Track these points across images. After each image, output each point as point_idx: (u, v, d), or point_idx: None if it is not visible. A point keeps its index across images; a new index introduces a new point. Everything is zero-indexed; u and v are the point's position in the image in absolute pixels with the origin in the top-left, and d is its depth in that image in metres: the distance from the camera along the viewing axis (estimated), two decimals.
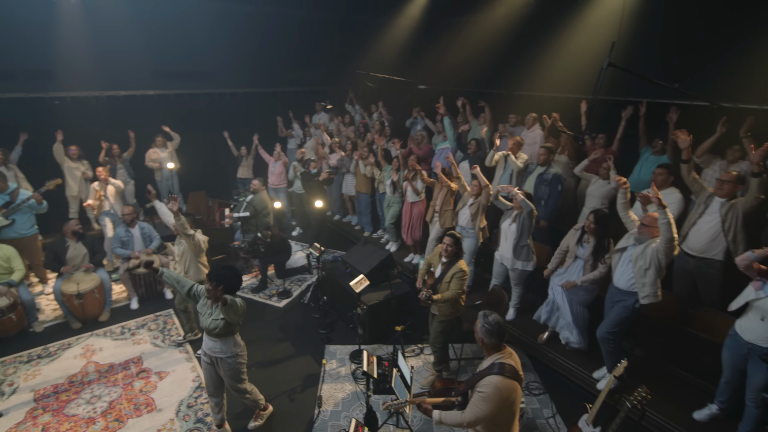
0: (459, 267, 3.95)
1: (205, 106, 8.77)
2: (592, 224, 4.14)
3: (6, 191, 5.59)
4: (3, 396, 4.21)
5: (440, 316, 4.14)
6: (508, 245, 4.74)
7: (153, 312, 5.59)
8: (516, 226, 4.64)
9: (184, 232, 4.31)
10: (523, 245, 4.65)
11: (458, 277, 3.93)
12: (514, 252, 4.66)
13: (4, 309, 4.78)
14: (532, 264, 4.75)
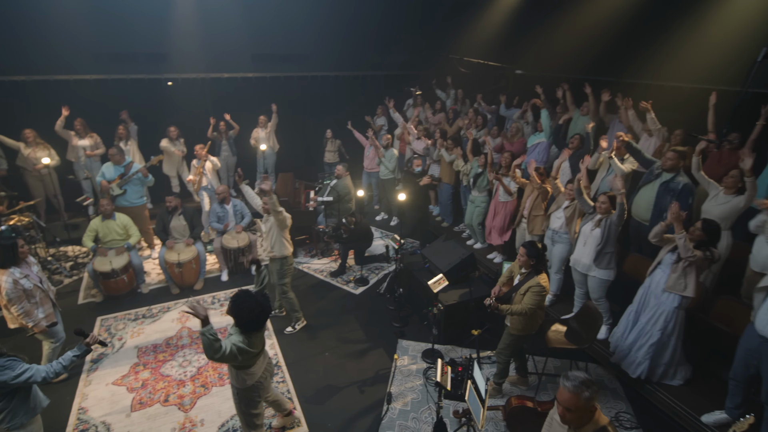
0: (537, 281, 3.60)
1: (298, 88, 9.01)
2: (698, 231, 3.54)
3: (122, 164, 6.24)
4: (114, 348, 4.75)
5: (511, 329, 3.86)
6: (586, 251, 4.27)
7: (240, 286, 5.94)
8: (600, 231, 4.15)
9: (274, 209, 4.44)
10: (607, 252, 4.17)
11: (534, 292, 3.59)
12: (595, 258, 4.21)
13: (118, 270, 5.36)
14: (612, 273, 4.24)
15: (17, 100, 7.14)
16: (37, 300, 3.91)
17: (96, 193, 7.28)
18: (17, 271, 3.78)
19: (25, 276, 3.82)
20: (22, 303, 3.78)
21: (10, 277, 3.71)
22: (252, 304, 2.82)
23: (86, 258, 6.58)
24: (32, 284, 3.86)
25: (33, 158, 6.65)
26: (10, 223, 5.70)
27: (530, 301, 3.60)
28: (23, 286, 3.78)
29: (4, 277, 3.70)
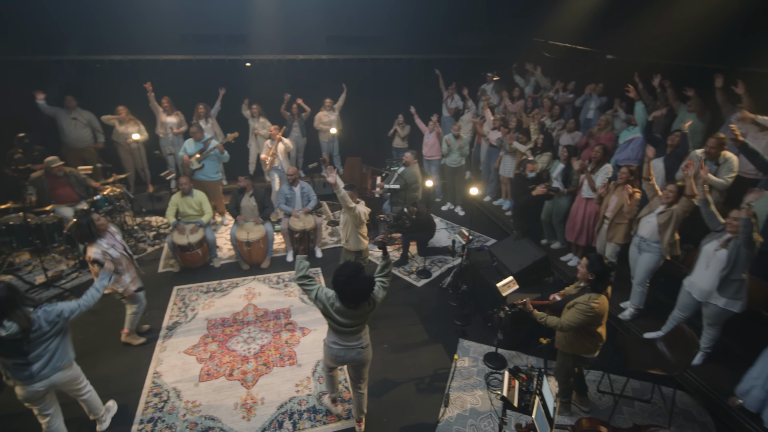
0: (586, 299, 3.19)
1: (370, 71, 8.88)
2: None
3: (201, 140, 6.55)
4: (187, 318, 5.02)
5: (557, 344, 3.53)
6: (708, 275, 3.71)
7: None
8: (727, 253, 3.57)
9: (345, 205, 4.39)
10: (734, 279, 3.57)
11: (578, 309, 3.20)
12: (719, 286, 3.62)
13: (194, 244, 5.65)
14: (740, 305, 3.65)
15: (114, 79, 7.69)
16: (123, 267, 4.19)
17: (178, 169, 7.73)
18: (104, 242, 4.06)
19: (111, 246, 4.10)
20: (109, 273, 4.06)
21: (98, 248, 3.99)
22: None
23: (167, 229, 7.03)
24: (118, 253, 4.14)
25: (125, 133, 7.16)
26: (104, 193, 6.19)
27: (571, 318, 3.23)
28: (111, 256, 4.05)
29: (93, 249, 3.99)
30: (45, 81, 7.20)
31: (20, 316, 2.81)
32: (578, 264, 5.44)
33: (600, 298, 3.20)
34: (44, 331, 2.93)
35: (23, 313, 2.83)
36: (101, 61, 7.61)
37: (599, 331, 3.32)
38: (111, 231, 4.22)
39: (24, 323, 2.80)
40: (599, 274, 3.20)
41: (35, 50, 7.30)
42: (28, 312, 2.87)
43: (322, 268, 6.04)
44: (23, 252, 5.99)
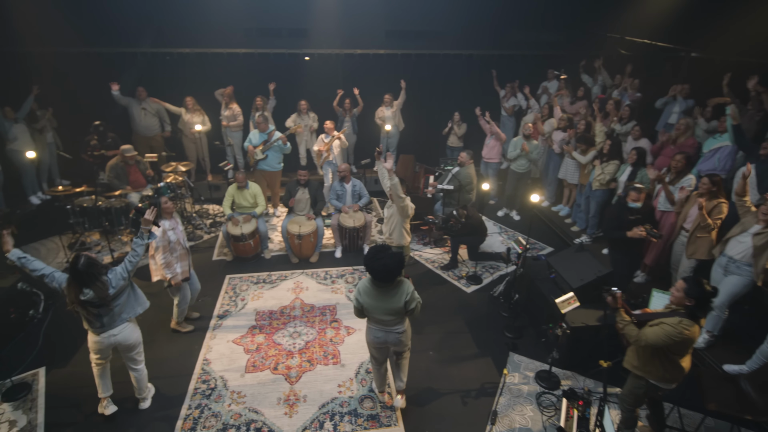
0: (677, 323, 2.82)
1: (428, 67, 8.66)
2: None
3: (266, 131, 6.69)
4: (237, 308, 5.13)
5: (626, 363, 3.20)
6: None
7: (352, 265, 6.00)
8: None
9: (396, 193, 4.26)
10: None
11: (665, 331, 2.83)
12: None
13: (246, 235, 5.76)
14: None
15: (182, 70, 8.02)
16: (177, 255, 4.31)
17: (236, 159, 7.95)
18: (167, 222, 4.20)
19: (171, 229, 4.23)
20: (166, 253, 4.20)
21: (161, 226, 4.13)
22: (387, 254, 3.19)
23: (223, 218, 7.25)
24: (176, 238, 4.27)
25: (190, 123, 7.45)
26: (167, 180, 6.47)
27: (652, 336, 2.87)
28: (169, 238, 4.19)
29: (155, 227, 4.13)
30: (120, 72, 7.65)
31: (98, 287, 3.12)
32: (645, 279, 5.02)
33: (693, 326, 2.84)
34: (113, 293, 3.21)
35: (101, 282, 3.14)
36: (171, 54, 7.96)
37: (682, 363, 2.98)
38: (176, 218, 4.37)
39: (101, 292, 3.12)
40: (699, 300, 2.85)
41: (112, 43, 7.76)
42: (105, 281, 3.15)
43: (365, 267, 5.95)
44: (94, 232, 6.40)
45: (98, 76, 7.42)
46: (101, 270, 3.17)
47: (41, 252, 6.20)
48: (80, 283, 3.08)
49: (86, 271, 3.06)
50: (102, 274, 3.17)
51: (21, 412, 3.77)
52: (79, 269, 3.05)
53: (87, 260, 3.10)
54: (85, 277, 3.06)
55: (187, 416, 3.75)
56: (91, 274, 3.08)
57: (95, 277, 3.11)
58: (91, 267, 3.09)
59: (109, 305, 3.23)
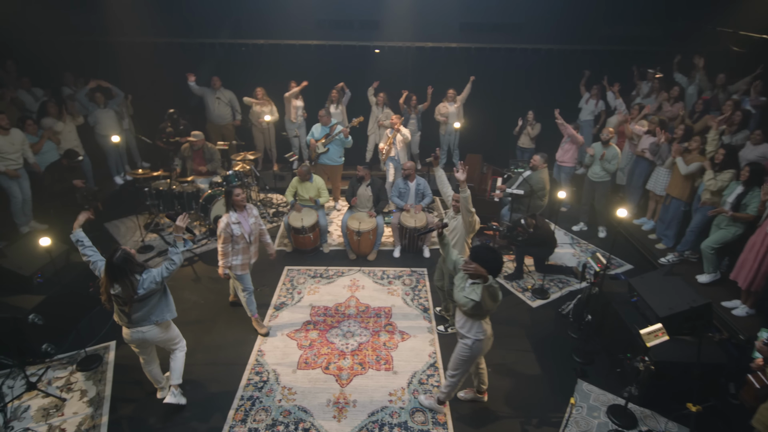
0: None
1: (503, 62, 8.20)
2: None
3: (328, 125, 6.66)
4: (293, 301, 5.13)
5: (757, 423, 2.76)
6: None
7: (410, 266, 5.80)
8: None
9: (467, 207, 3.97)
10: None
11: None
12: None
13: (307, 228, 5.76)
14: None
15: (256, 61, 8.21)
16: (239, 247, 4.33)
17: (301, 151, 8.03)
18: (234, 215, 4.23)
19: (237, 223, 4.25)
20: (226, 244, 4.23)
21: (226, 219, 4.18)
22: (492, 255, 3.06)
23: (286, 208, 7.35)
24: (240, 232, 4.29)
25: (260, 113, 7.61)
26: (235, 169, 6.64)
27: None
28: (231, 231, 4.21)
29: (224, 218, 4.20)
30: (198, 62, 7.97)
31: (126, 284, 3.10)
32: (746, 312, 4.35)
33: None
34: (144, 294, 3.19)
35: (130, 281, 3.11)
36: (246, 45, 8.17)
37: None
38: (248, 211, 4.37)
39: (127, 291, 3.10)
40: None
41: (193, 33, 8.10)
42: (135, 280, 3.14)
43: (428, 270, 5.74)
44: None
45: (179, 65, 7.78)
46: (135, 268, 3.15)
47: (121, 229, 6.62)
48: (111, 276, 3.07)
49: (120, 265, 3.03)
50: (135, 272, 3.14)
51: (92, 382, 4.00)
52: (113, 262, 3.04)
53: (123, 254, 3.09)
54: (117, 271, 3.04)
55: (239, 407, 3.77)
56: (123, 270, 3.05)
57: (126, 274, 3.07)
58: (126, 262, 3.07)
59: (136, 305, 3.21)
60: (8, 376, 3.99)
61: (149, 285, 3.18)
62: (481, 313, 3.16)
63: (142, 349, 3.56)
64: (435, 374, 4.12)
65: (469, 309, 3.14)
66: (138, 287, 3.14)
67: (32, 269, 4.31)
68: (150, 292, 3.23)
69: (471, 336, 3.23)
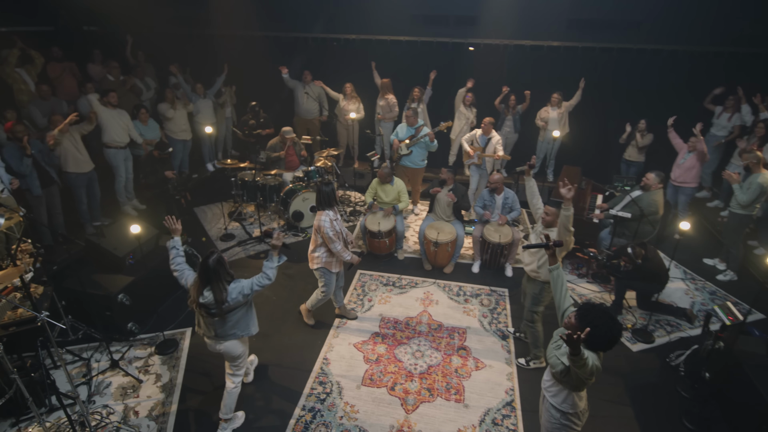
0: None
1: (614, 64, 7.30)
2: None
3: (414, 126, 6.35)
4: (363, 308, 4.94)
5: None
6: None
7: (490, 285, 5.34)
8: None
9: (566, 225, 3.45)
10: None
11: None
12: None
13: (383, 232, 5.52)
14: None
15: (346, 56, 8.14)
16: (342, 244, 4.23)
17: (383, 151, 7.83)
18: (331, 213, 4.12)
19: (336, 219, 4.15)
20: (335, 242, 4.11)
21: (327, 217, 4.07)
22: (605, 321, 2.40)
23: (363, 207, 7.20)
24: (339, 229, 4.17)
25: (345, 109, 7.52)
26: (318, 164, 6.60)
27: None
28: (335, 227, 4.10)
29: (322, 217, 4.07)
30: (290, 56, 8.08)
31: (219, 289, 2.99)
32: None
33: None
34: (231, 305, 3.07)
35: (222, 286, 3.00)
36: (338, 40, 8.12)
37: None
38: (336, 208, 4.27)
39: (219, 296, 2.98)
40: None
41: (288, 28, 8.22)
42: (225, 286, 3.02)
43: (509, 291, 5.23)
44: (250, 205, 6.88)
45: (272, 58, 7.95)
46: (227, 275, 3.06)
47: (207, 215, 6.90)
48: (204, 279, 2.99)
49: (213, 267, 2.96)
50: (226, 280, 3.04)
51: (167, 367, 4.11)
52: (208, 264, 2.97)
53: (219, 258, 3.01)
54: (211, 273, 2.96)
55: (300, 417, 3.64)
56: (217, 273, 2.97)
57: (219, 278, 2.99)
58: (219, 266, 2.99)
59: (223, 317, 3.10)
60: (96, 350, 4.24)
61: (237, 296, 3.06)
62: (571, 383, 2.56)
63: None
64: (512, 415, 3.67)
65: (558, 373, 2.59)
66: (227, 296, 3.02)
67: (125, 251, 4.54)
68: (236, 304, 3.11)
69: (558, 406, 2.67)
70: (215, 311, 3.04)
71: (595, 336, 2.37)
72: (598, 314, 2.42)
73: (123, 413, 3.65)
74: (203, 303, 3.02)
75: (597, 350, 2.46)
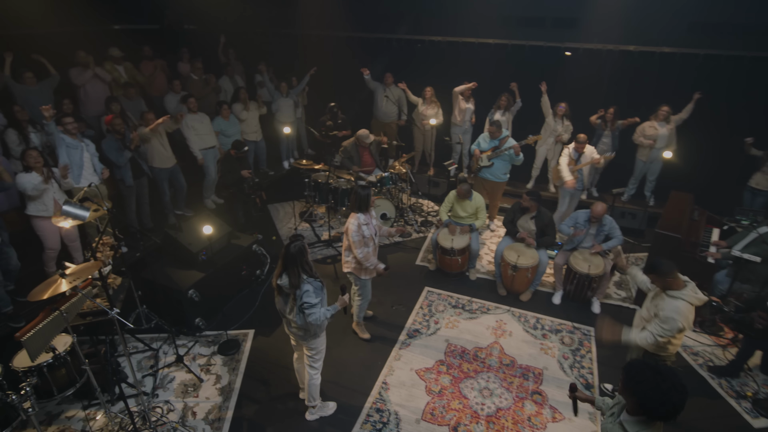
0: None
1: (745, 74, 6.20)
2: None
3: (497, 137, 5.87)
4: (428, 330, 4.60)
5: None
6: None
7: (573, 320, 4.74)
8: None
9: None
10: None
11: None
12: None
13: (456, 250, 5.13)
14: None
15: (429, 59, 7.81)
16: (370, 250, 3.99)
17: (461, 160, 7.39)
18: (362, 216, 3.92)
19: (366, 224, 3.92)
20: (362, 247, 3.91)
21: (356, 220, 3.89)
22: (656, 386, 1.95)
23: (435, 218, 6.85)
24: (370, 233, 3.94)
25: (424, 114, 7.21)
26: (391, 170, 6.36)
27: None
28: (363, 233, 3.88)
29: (351, 220, 3.91)
30: (372, 57, 7.92)
31: (294, 274, 3.03)
32: None
33: None
34: (298, 303, 3.09)
35: (298, 272, 3.03)
36: (422, 41, 7.82)
37: None
38: (371, 213, 4.10)
39: (294, 281, 3.04)
40: None
41: (372, 28, 8.07)
42: (301, 274, 3.05)
43: (593, 330, 4.61)
44: (321, 206, 6.83)
45: (353, 59, 7.85)
46: (305, 264, 3.08)
47: (280, 213, 6.96)
48: (285, 262, 3.06)
49: (294, 254, 3.03)
50: (304, 269, 3.07)
51: (227, 369, 4.09)
52: (290, 249, 3.04)
53: (301, 245, 3.08)
54: (290, 259, 3.03)
55: None
56: (295, 260, 3.03)
57: (296, 265, 3.04)
58: (300, 253, 3.05)
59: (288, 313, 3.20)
60: (165, 342, 4.34)
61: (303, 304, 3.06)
62: None
63: (296, 345, 3.55)
64: None
65: None
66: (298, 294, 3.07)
67: (199, 247, 4.61)
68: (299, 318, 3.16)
69: None
70: (291, 295, 3.12)
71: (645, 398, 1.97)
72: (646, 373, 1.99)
73: (182, 412, 3.66)
74: (280, 284, 3.12)
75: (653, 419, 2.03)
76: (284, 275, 3.09)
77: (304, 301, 3.05)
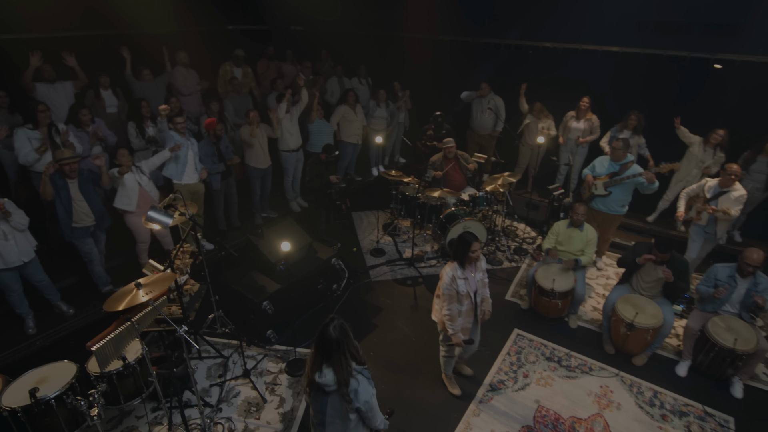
0: None
1: None
2: None
3: (620, 161, 4.96)
4: (515, 384, 3.96)
5: None
6: None
7: (704, 402, 3.77)
8: None
9: None
10: None
11: None
12: None
13: (557, 293, 4.39)
14: None
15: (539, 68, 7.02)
16: (464, 308, 3.42)
17: (569, 184, 6.51)
18: (459, 270, 3.35)
19: (464, 278, 3.36)
20: (452, 304, 3.38)
21: (451, 271, 3.34)
22: None
23: (531, 246, 6.10)
24: (466, 291, 3.37)
25: (533, 129, 6.48)
26: (487, 189, 5.74)
27: None
28: (457, 288, 3.34)
29: (447, 269, 3.37)
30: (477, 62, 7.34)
31: (341, 364, 2.23)
32: None
33: None
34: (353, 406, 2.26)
35: (347, 362, 2.24)
36: (534, 48, 7.07)
37: None
38: (478, 266, 3.45)
39: (342, 375, 2.21)
40: None
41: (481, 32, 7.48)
42: (350, 362, 2.26)
43: (736, 421, 3.61)
44: (406, 220, 6.43)
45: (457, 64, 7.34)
46: (351, 347, 2.29)
47: (363, 222, 6.70)
48: (323, 351, 2.25)
49: (337, 338, 2.23)
50: (351, 354, 2.28)
51: (291, 392, 3.85)
52: (328, 332, 2.24)
53: (342, 326, 2.28)
54: (333, 345, 2.22)
55: None
56: (339, 344, 2.23)
57: (342, 350, 2.24)
58: (344, 335, 2.26)
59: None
60: (236, 350, 4.23)
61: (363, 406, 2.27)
62: None
63: None
64: None
65: None
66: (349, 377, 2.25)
67: (278, 256, 4.45)
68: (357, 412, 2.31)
69: None
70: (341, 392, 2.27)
71: None
72: None
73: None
74: (320, 382, 2.24)
75: None
76: (325, 368, 2.25)
77: (365, 401, 2.27)
